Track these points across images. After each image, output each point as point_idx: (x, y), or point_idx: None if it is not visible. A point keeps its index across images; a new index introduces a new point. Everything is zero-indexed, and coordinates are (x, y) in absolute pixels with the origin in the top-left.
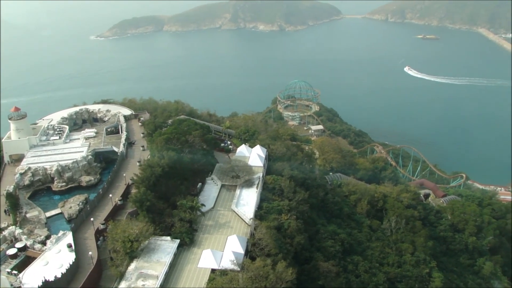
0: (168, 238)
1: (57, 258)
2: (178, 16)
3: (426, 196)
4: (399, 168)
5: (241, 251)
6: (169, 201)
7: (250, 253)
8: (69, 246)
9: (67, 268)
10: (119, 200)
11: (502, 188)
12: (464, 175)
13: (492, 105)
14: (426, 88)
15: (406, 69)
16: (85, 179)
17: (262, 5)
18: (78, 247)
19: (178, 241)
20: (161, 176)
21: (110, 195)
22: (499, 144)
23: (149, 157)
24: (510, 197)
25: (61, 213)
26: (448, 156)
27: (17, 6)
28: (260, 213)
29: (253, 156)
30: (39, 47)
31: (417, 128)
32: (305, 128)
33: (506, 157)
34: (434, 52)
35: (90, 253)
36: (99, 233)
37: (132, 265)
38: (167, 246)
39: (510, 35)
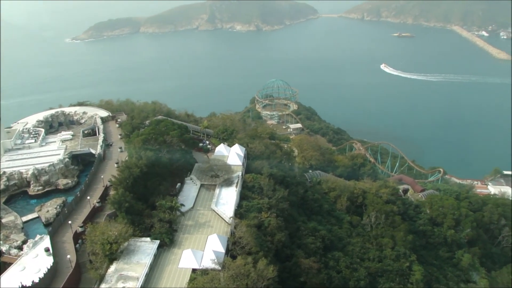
0: (148, 239)
1: (34, 262)
2: (154, 17)
3: (405, 191)
4: (378, 165)
5: (222, 250)
6: (148, 202)
7: (231, 252)
8: (47, 250)
9: (44, 272)
10: (97, 202)
11: (479, 182)
12: (441, 170)
13: (467, 101)
14: (402, 85)
15: (382, 66)
16: (62, 182)
17: (239, 5)
18: (56, 251)
19: (158, 241)
20: (140, 177)
21: (88, 198)
22: (474, 138)
23: (127, 158)
24: (486, 190)
25: (38, 217)
26: (426, 151)
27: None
28: (240, 212)
29: (232, 155)
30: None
31: (394, 124)
32: (284, 127)
33: (482, 151)
34: (410, 49)
35: (68, 256)
36: (77, 236)
37: (112, 267)
38: (147, 247)
39: (483, 32)
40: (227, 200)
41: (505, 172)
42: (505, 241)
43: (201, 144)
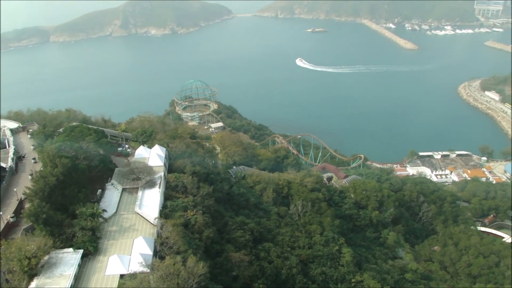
0: (70, 249)
1: None
2: (64, 25)
3: (329, 179)
4: (301, 156)
5: (149, 252)
6: (68, 211)
7: (159, 253)
8: None
9: None
10: (11, 218)
11: (398, 165)
12: (362, 156)
13: (380, 90)
14: (318, 78)
15: (297, 61)
16: None
17: (152, 9)
18: None
19: (81, 251)
20: (56, 186)
21: (1, 213)
22: (390, 124)
23: (42, 168)
24: (405, 172)
25: None
26: (347, 141)
27: None
28: (165, 212)
29: (153, 156)
30: None
31: (314, 117)
32: (206, 127)
33: (398, 136)
34: (324, 44)
35: None
36: None
37: (33, 284)
38: (70, 258)
39: (390, 24)
40: (151, 201)
41: (421, 154)
42: (425, 216)
43: (120, 149)
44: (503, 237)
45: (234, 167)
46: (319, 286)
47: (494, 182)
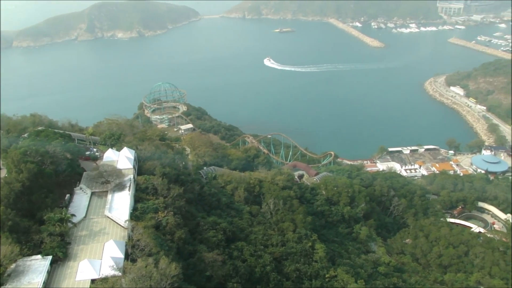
0: (39, 256)
1: None
2: (27, 30)
3: (300, 176)
4: (272, 155)
5: (121, 255)
6: (35, 217)
7: (131, 255)
8: None
9: None
10: None
11: (368, 161)
12: (332, 153)
13: (349, 87)
14: (288, 78)
15: (266, 61)
16: None
17: (118, 12)
18: None
19: (50, 257)
20: (22, 192)
21: None
22: (360, 121)
23: (6, 174)
24: (375, 168)
25: None
26: (317, 139)
27: None
28: (136, 214)
29: (122, 159)
30: None
31: (284, 116)
32: (175, 129)
33: (368, 133)
34: (292, 43)
35: None
36: None
37: None
38: (39, 265)
39: (356, 23)
40: (121, 204)
41: (390, 149)
42: (396, 210)
43: (88, 152)
44: (471, 227)
45: (205, 167)
46: (293, 283)
47: (462, 174)
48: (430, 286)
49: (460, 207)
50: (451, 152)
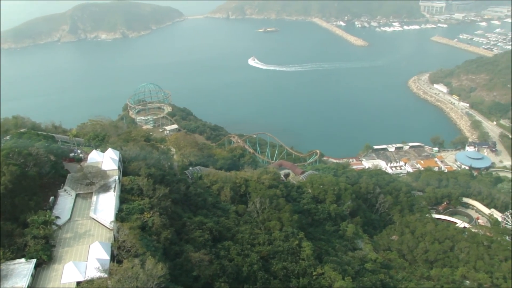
0: (22, 259)
1: None
2: (8, 31)
3: (286, 175)
4: (258, 154)
5: (106, 257)
6: (19, 220)
7: (117, 257)
8: None
9: None
10: None
11: (353, 159)
12: (318, 152)
13: (334, 86)
14: (273, 78)
15: (250, 61)
16: None
17: (102, 13)
18: None
19: (34, 260)
20: (5, 195)
21: None
22: (345, 120)
23: None
24: (361, 166)
25: None
26: (303, 138)
27: None
28: (121, 216)
29: (106, 160)
30: None
31: (270, 116)
32: (160, 130)
33: (353, 131)
34: (276, 43)
35: None
36: None
37: None
38: (22, 268)
39: (340, 22)
40: (106, 206)
41: (375, 147)
42: (382, 207)
43: (72, 154)
44: (456, 223)
45: (191, 167)
46: (281, 281)
47: (446, 171)
48: (417, 281)
49: (445, 203)
50: (436, 149)
